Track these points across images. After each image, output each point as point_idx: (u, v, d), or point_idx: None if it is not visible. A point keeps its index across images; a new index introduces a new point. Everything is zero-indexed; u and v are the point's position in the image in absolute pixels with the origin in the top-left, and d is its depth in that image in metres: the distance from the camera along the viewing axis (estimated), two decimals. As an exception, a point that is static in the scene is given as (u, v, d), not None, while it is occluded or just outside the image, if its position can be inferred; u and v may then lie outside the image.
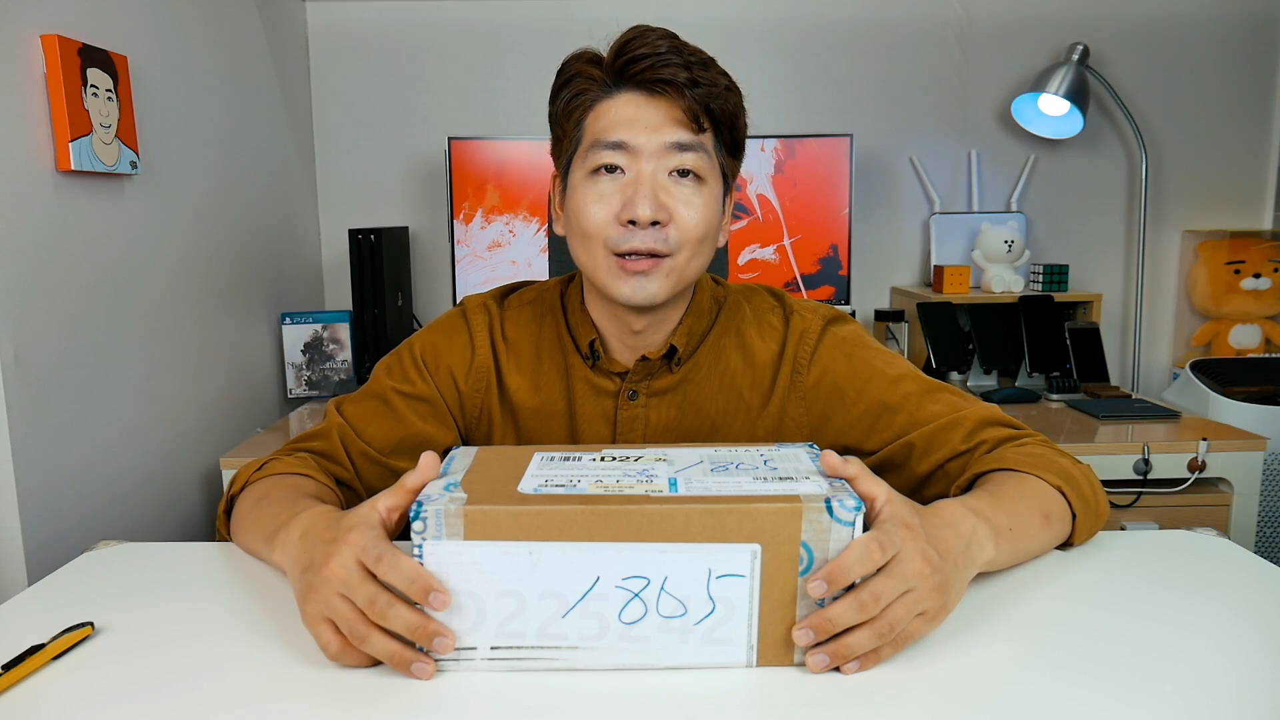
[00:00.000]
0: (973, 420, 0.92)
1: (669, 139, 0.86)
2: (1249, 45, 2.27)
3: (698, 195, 0.88)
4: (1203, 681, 0.62)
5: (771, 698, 0.61)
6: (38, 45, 1.20)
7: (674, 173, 0.87)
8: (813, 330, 0.97)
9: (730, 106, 0.89)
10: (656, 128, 0.86)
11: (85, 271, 1.31)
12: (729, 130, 0.90)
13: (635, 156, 0.87)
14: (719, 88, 0.87)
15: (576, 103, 0.90)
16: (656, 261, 0.88)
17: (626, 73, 0.87)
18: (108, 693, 0.62)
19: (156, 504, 1.50)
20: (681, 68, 0.85)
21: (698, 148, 0.87)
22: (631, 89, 0.87)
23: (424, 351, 0.99)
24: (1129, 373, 2.34)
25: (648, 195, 0.86)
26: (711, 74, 0.87)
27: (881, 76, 2.27)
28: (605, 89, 0.88)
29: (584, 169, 0.89)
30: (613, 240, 0.88)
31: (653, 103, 0.87)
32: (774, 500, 0.61)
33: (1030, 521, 0.79)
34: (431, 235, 2.28)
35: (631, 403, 0.97)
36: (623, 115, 0.87)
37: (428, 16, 2.20)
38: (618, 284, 0.89)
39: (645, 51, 0.85)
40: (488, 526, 0.60)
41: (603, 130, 0.88)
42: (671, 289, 0.90)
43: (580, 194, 0.89)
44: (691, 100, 0.85)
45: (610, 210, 0.87)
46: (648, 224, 0.86)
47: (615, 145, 0.87)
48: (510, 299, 1.03)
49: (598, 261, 0.89)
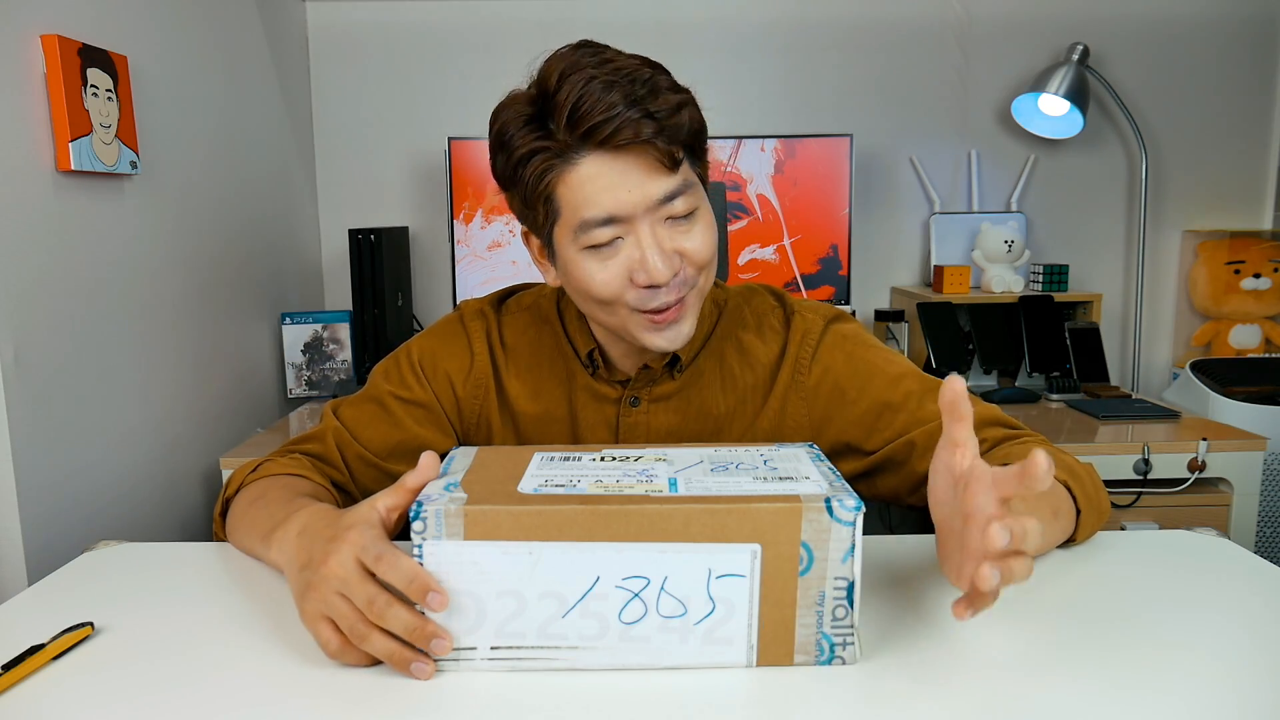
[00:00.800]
0: (974, 420, 0.91)
1: (655, 195, 0.82)
2: (1249, 45, 2.27)
3: (696, 225, 0.86)
4: (1202, 682, 0.62)
5: (771, 698, 0.61)
6: (38, 45, 1.20)
7: (668, 219, 0.84)
8: (814, 330, 0.97)
9: (694, 124, 0.84)
10: (637, 185, 0.81)
11: (85, 272, 1.31)
12: (697, 141, 0.86)
13: (629, 223, 0.83)
14: (680, 117, 0.82)
15: (542, 183, 0.83)
16: (682, 303, 0.86)
17: (587, 139, 0.80)
18: (108, 693, 0.62)
19: (156, 504, 1.50)
20: (643, 120, 0.79)
21: (681, 189, 0.83)
22: (594, 150, 0.81)
23: (421, 357, 0.99)
24: (1129, 373, 2.34)
25: (658, 257, 0.82)
26: (662, 102, 0.81)
27: (881, 77, 2.27)
28: (564, 156, 0.81)
29: (576, 245, 0.84)
30: (635, 301, 0.85)
31: (622, 158, 0.81)
32: (774, 500, 0.61)
33: (1042, 519, 0.79)
34: (431, 235, 2.28)
35: (634, 409, 0.96)
36: (599, 184, 0.81)
37: (428, 16, 2.20)
38: (652, 338, 0.87)
39: (602, 114, 0.78)
40: (488, 526, 0.60)
41: (584, 204, 0.82)
42: (696, 317, 0.90)
43: (584, 267, 0.85)
44: (663, 148, 0.81)
45: (621, 278, 0.84)
46: (668, 281, 0.84)
47: (606, 222, 0.82)
48: (507, 304, 1.02)
49: (623, 319, 0.87)
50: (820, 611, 0.63)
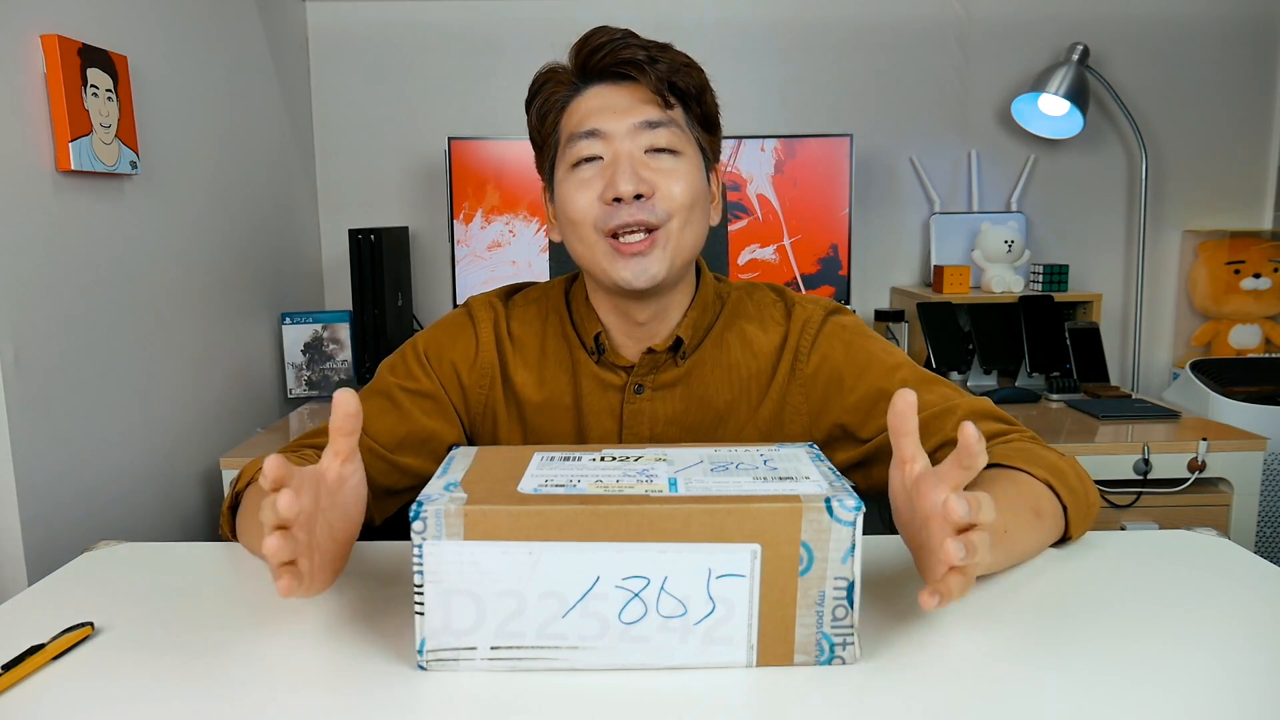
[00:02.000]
0: (964, 411, 0.92)
1: (639, 119, 0.89)
2: (1249, 45, 2.27)
3: (678, 166, 0.90)
4: (1202, 682, 0.62)
5: (771, 698, 0.61)
6: (38, 45, 1.20)
7: (650, 150, 0.90)
8: (814, 320, 0.99)
9: (695, 81, 0.91)
10: (625, 110, 0.89)
11: (85, 271, 1.31)
12: (697, 104, 0.93)
13: (610, 140, 0.89)
14: (680, 64, 0.90)
15: (548, 106, 0.93)
16: (651, 238, 0.89)
17: (589, 65, 0.90)
18: (108, 693, 0.62)
19: (156, 504, 1.50)
20: (640, 48, 0.89)
21: (668, 123, 0.90)
22: (597, 82, 0.91)
23: (428, 348, 1.00)
24: (1129, 373, 2.34)
25: (627, 171, 0.88)
26: (670, 54, 0.90)
27: (881, 76, 2.27)
28: (573, 88, 0.92)
29: (565, 165, 0.92)
30: (600, 220, 0.89)
31: (619, 89, 0.90)
32: (774, 500, 0.61)
33: (1024, 522, 0.79)
34: (431, 235, 2.28)
35: (638, 396, 0.97)
36: (592, 106, 0.90)
37: (428, 17, 2.20)
38: (617, 268, 0.90)
39: (603, 40, 0.89)
40: (488, 526, 0.60)
41: (576, 124, 0.91)
42: (670, 263, 0.91)
43: (565, 187, 0.92)
44: (655, 78, 0.88)
45: (593, 193, 0.90)
46: (632, 198, 0.88)
47: (589, 134, 0.90)
48: (515, 298, 1.04)
49: (592, 247, 0.91)
50: (820, 611, 0.63)
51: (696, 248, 0.94)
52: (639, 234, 0.89)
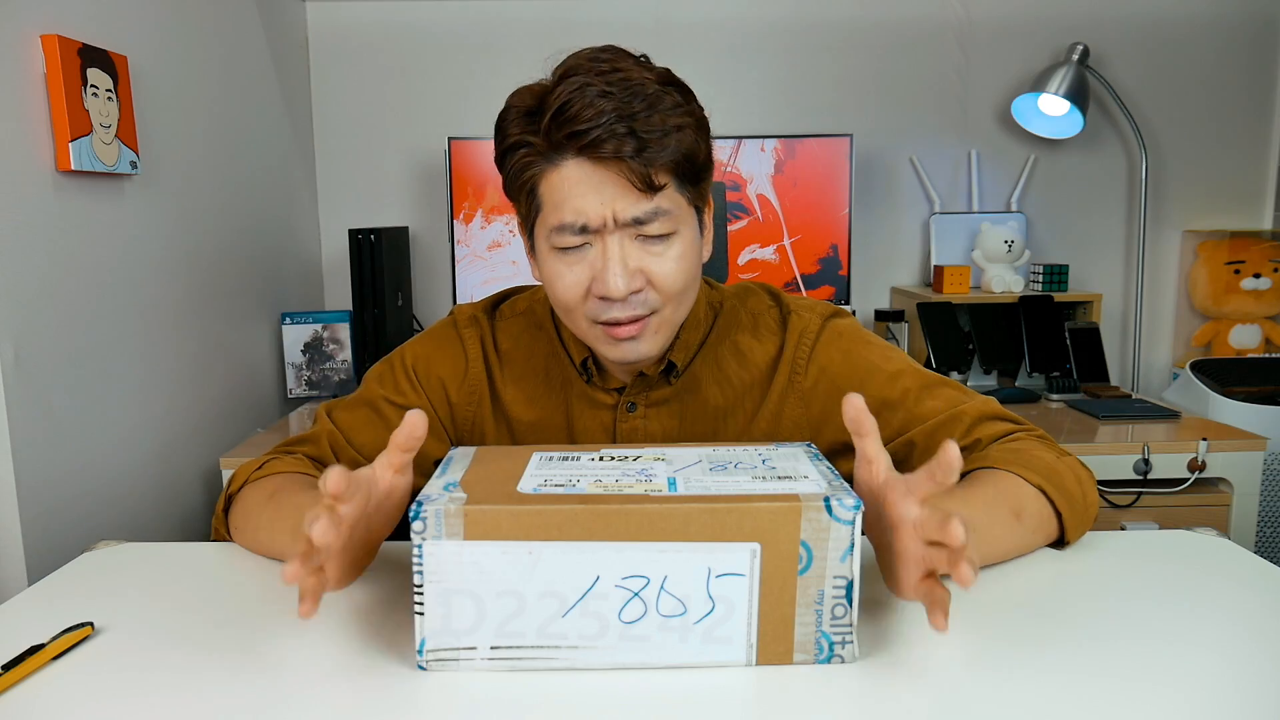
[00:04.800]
0: (971, 416, 0.91)
1: (626, 214, 0.81)
2: (1249, 45, 2.27)
3: (670, 249, 0.84)
4: (1202, 682, 0.62)
5: (771, 697, 0.61)
6: (38, 45, 1.20)
7: (639, 237, 0.83)
8: (811, 330, 0.96)
9: (683, 149, 0.82)
10: (611, 200, 0.81)
11: (85, 272, 1.31)
12: (688, 168, 0.84)
13: (598, 233, 0.83)
14: (668, 139, 0.80)
15: (524, 177, 0.84)
16: (643, 323, 0.86)
17: (569, 143, 0.80)
18: (108, 693, 0.62)
19: (156, 504, 1.50)
20: (627, 137, 0.78)
21: (657, 213, 0.82)
22: (576, 155, 0.81)
23: (415, 362, 0.99)
24: (1129, 373, 2.34)
25: (618, 271, 0.82)
26: (656, 122, 0.80)
27: (881, 76, 2.27)
28: (548, 157, 0.82)
29: (549, 244, 0.85)
30: (591, 312, 0.85)
31: (602, 169, 0.80)
32: (773, 499, 0.61)
33: (997, 520, 0.78)
34: (431, 235, 2.28)
35: (631, 414, 0.96)
36: (574, 191, 0.81)
37: (428, 16, 2.20)
38: (608, 349, 0.88)
39: (587, 121, 0.78)
40: (488, 526, 0.60)
41: (558, 205, 0.82)
42: (663, 342, 0.89)
43: (550, 267, 0.86)
44: (641, 170, 0.79)
45: (582, 284, 0.84)
46: (624, 297, 0.83)
47: (576, 230, 0.82)
48: (501, 309, 1.02)
49: (583, 330, 0.88)
50: (819, 610, 0.63)
51: (688, 314, 0.91)
52: (629, 323, 0.85)
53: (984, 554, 0.76)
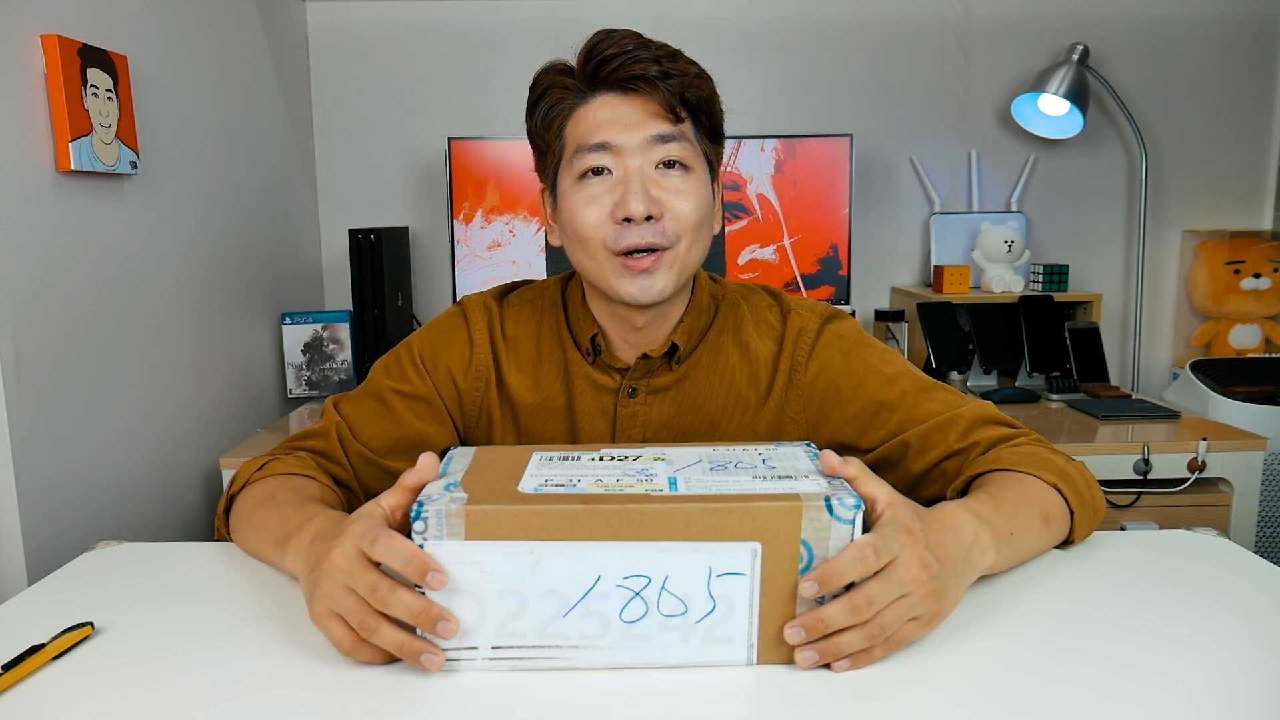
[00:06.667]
0: (968, 419, 0.92)
1: (650, 133, 0.87)
2: (1249, 45, 2.27)
3: (687, 183, 0.89)
4: (1203, 682, 0.62)
5: (772, 696, 0.61)
6: (38, 45, 1.20)
7: (660, 165, 0.88)
8: (810, 328, 0.98)
9: (704, 93, 0.90)
10: (636, 124, 0.87)
11: (85, 272, 1.31)
12: (706, 116, 0.91)
13: (620, 155, 0.87)
14: (690, 76, 0.88)
15: (554, 113, 0.90)
16: (658, 256, 0.88)
17: (598, 75, 0.88)
18: (108, 693, 0.62)
19: (156, 504, 1.50)
20: (651, 62, 0.86)
21: (679, 137, 0.88)
22: (606, 91, 0.88)
23: (422, 350, 1.00)
24: (1129, 373, 2.34)
25: (638, 191, 0.86)
26: (681, 64, 0.88)
27: (881, 76, 2.27)
28: (580, 95, 0.89)
29: (571, 175, 0.90)
30: (610, 239, 0.88)
31: (628, 100, 0.88)
32: (774, 499, 0.61)
33: (1031, 524, 0.79)
34: (431, 235, 2.28)
35: (631, 400, 0.97)
36: (602, 117, 0.88)
37: (428, 16, 2.20)
38: (624, 284, 0.89)
39: (613, 51, 0.87)
40: (489, 526, 0.60)
41: (584, 135, 0.88)
42: (677, 281, 0.90)
43: (572, 199, 0.90)
44: (666, 92, 0.86)
45: (603, 210, 0.88)
46: (642, 219, 0.86)
47: (599, 147, 0.87)
48: (510, 297, 1.03)
49: (600, 263, 0.90)
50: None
51: (701, 262, 0.94)
52: (647, 253, 0.88)
53: (1019, 557, 0.79)
